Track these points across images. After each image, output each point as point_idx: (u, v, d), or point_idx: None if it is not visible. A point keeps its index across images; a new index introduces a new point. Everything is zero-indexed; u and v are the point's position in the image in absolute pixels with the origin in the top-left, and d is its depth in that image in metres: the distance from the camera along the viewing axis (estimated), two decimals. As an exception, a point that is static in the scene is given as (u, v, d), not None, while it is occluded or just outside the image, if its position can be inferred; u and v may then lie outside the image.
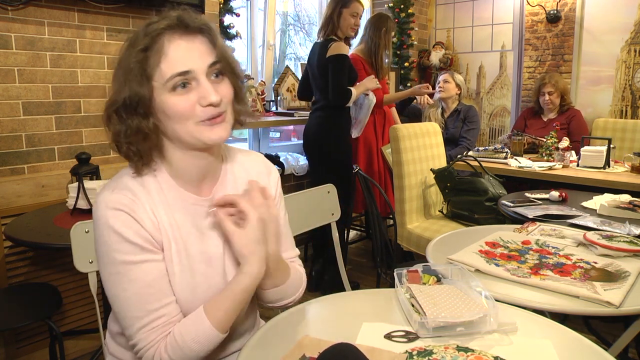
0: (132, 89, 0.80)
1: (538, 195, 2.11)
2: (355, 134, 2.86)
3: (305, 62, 2.93)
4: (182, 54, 0.81)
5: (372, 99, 2.82)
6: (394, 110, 3.30)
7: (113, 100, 0.83)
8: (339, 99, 2.62)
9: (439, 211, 2.67)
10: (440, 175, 2.50)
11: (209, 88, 0.82)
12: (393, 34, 3.11)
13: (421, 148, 2.60)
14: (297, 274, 1.00)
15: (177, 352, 0.81)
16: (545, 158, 2.85)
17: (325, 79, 2.62)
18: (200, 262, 0.90)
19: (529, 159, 2.89)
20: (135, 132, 0.82)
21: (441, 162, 2.73)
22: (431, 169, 2.54)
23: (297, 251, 1.08)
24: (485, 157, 2.87)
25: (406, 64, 4.15)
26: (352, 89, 2.64)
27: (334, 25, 2.67)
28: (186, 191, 0.90)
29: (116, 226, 0.82)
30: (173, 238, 0.88)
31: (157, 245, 0.86)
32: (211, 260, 0.91)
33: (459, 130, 3.38)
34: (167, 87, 0.81)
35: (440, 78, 3.50)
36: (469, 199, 2.40)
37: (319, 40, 2.74)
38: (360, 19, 2.74)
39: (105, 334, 1.05)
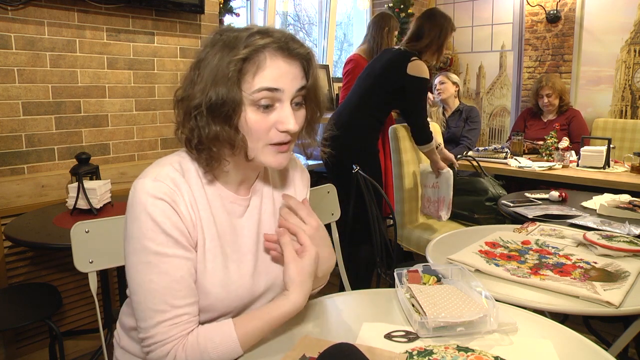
0: (227, 93, 0.79)
1: (538, 195, 2.11)
2: (444, 216, 2.41)
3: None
4: (278, 74, 0.81)
5: (449, 172, 2.39)
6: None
7: (192, 95, 0.82)
8: (422, 138, 2.31)
9: (439, 211, 2.67)
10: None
11: (290, 115, 0.83)
12: (396, 33, 3.10)
13: (421, 148, 2.60)
14: None
15: (195, 354, 0.80)
16: (545, 158, 2.85)
17: (383, 88, 2.32)
18: (233, 261, 0.90)
19: (529, 159, 2.89)
20: (214, 138, 0.81)
21: (441, 162, 2.72)
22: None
23: None
24: (485, 157, 2.87)
25: (406, 64, 4.14)
26: (434, 140, 2.33)
27: (437, 46, 2.29)
28: (225, 189, 0.92)
29: (155, 214, 0.81)
30: (209, 234, 0.88)
31: (191, 241, 0.86)
32: (243, 259, 0.92)
33: (461, 129, 3.39)
34: (252, 99, 0.81)
35: (436, 81, 3.54)
36: (469, 199, 2.40)
37: (395, 47, 2.41)
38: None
39: (115, 328, 1.04)
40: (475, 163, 2.61)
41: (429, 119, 2.44)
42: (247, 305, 0.94)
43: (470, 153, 3.03)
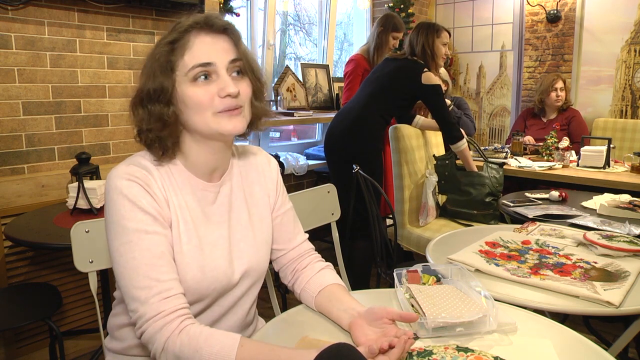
0: (156, 79, 0.85)
1: (538, 195, 2.11)
2: (422, 221, 2.48)
3: (305, 62, 2.87)
4: (206, 49, 0.86)
5: (434, 180, 2.49)
6: None
7: (139, 90, 0.88)
8: (450, 137, 2.44)
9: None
10: (441, 164, 2.49)
11: (228, 80, 0.86)
12: (399, 35, 3.08)
13: (421, 148, 2.60)
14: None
15: (189, 350, 0.77)
16: (545, 158, 2.85)
17: (397, 93, 2.43)
18: (207, 244, 0.92)
19: (529, 158, 2.89)
20: (156, 119, 0.86)
21: (441, 162, 2.72)
22: (433, 155, 2.54)
23: (305, 235, 1.11)
24: (485, 157, 2.86)
25: (406, 64, 4.14)
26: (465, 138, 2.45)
27: (429, 55, 2.44)
28: (195, 177, 0.94)
29: (130, 195, 0.84)
30: (182, 218, 0.90)
31: (166, 221, 0.88)
32: (217, 244, 0.94)
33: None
34: (189, 77, 0.85)
35: None
36: (467, 194, 2.39)
37: (400, 57, 2.50)
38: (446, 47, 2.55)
39: (106, 332, 1.05)
40: (477, 163, 2.60)
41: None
42: (224, 292, 0.94)
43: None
